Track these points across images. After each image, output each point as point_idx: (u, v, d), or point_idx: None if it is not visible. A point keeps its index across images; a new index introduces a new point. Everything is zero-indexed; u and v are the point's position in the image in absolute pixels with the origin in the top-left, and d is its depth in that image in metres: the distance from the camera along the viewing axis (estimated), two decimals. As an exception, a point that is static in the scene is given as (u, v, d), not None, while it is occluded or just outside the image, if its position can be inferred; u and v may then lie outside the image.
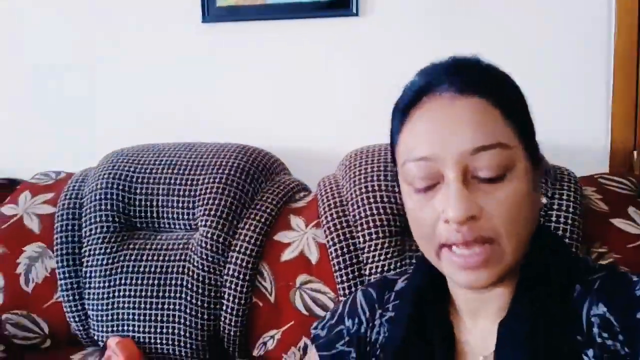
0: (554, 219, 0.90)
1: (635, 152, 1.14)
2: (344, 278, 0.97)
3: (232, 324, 1.03)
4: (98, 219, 1.10)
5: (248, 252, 1.03)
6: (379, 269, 0.95)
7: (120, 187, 1.11)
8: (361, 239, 0.96)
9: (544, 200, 0.84)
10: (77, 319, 1.11)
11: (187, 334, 1.03)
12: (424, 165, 0.56)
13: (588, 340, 0.55)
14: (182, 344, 1.03)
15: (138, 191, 1.11)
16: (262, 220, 1.05)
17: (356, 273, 0.96)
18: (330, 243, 0.99)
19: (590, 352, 0.54)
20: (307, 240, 1.03)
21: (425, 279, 0.65)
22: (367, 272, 0.96)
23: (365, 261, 0.96)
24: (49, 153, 1.45)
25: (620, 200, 0.97)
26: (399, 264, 0.94)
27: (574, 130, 1.16)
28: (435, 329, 0.62)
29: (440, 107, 0.57)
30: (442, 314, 0.64)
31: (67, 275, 1.10)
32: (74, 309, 1.11)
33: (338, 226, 0.99)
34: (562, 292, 0.58)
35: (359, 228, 0.97)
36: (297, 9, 1.27)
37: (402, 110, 0.60)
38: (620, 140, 1.15)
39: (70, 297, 1.10)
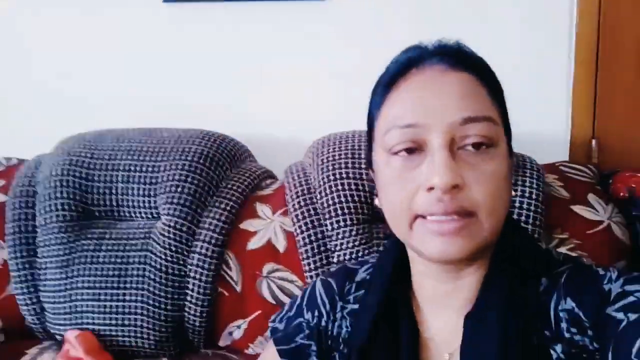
0: (517, 204, 0.92)
1: (594, 141, 1.18)
2: (312, 266, 0.96)
3: (197, 314, 1.01)
4: (54, 207, 1.05)
5: (213, 241, 1.00)
6: (347, 257, 0.94)
7: (77, 174, 1.07)
8: (329, 227, 0.96)
9: (512, 192, 0.85)
10: (32, 312, 1.06)
11: (150, 326, 1.00)
12: (410, 132, 0.55)
13: (556, 335, 0.55)
14: (144, 335, 1.00)
15: (96, 178, 1.06)
16: (228, 208, 1.03)
17: (324, 261, 0.96)
18: (298, 231, 0.97)
19: (559, 348, 0.54)
20: (275, 228, 1.01)
21: (390, 272, 0.63)
22: (334, 260, 0.95)
23: (333, 249, 0.95)
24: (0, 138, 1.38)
25: (581, 187, 1.00)
26: (367, 251, 0.94)
27: (535, 120, 1.19)
28: (403, 325, 0.61)
29: (431, 78, 0.56)
30: (408, 308, 0.62)
31: (20, 266, 1.05)
32: (28, 301, 1.06)
33: (306, 214, 0.98)
34: (529, 282, 0.58)
35: (327, 216, 0.96)
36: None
37: (387, 83, 0.58)
38: (580, 129, 1.18)
39: (25, 290, 1.05)
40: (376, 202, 0.63)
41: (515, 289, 0.57)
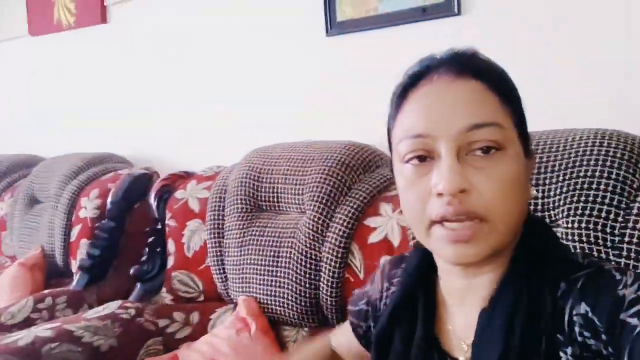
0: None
1: None
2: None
3: (329, 294, 1.20)
4: (235, 202, 1.38)
5: (342, 233, 1.19)
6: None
7: (252, 177, 1.38)
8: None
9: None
10: (220, 280, 1.41)
11: (293, 299, 1.24)
12: (420, 142, 0.57)
13: (568, 338, 0.55)
14: (289, 306, 1.25)
15: (265, 180, 1.36)
16: (355, 206, 1.20)
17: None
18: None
19: (569, 350, 0.54)
20: (392, 224, 1.15)
21: (417, 266, 0.68)
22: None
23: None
24: (217, 151, 1.83)
25: None
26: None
27: None
28: (420, 312, 0.65)
29: (438, 88, 0.58)
30: (430, 298, 0.66)
31: (213, 245, 1.41)
32: (218, 272, 1.41)
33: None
34: (548, 287, 0.58)
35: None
36: (404, 15, 1.38)
37: (399, 95, 0.62)
38: None
39: (216, 262, 1.41)
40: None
41: (529, 290, 0.58)
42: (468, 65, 0.59)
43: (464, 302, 0.63)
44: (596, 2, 1.16)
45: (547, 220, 0.93)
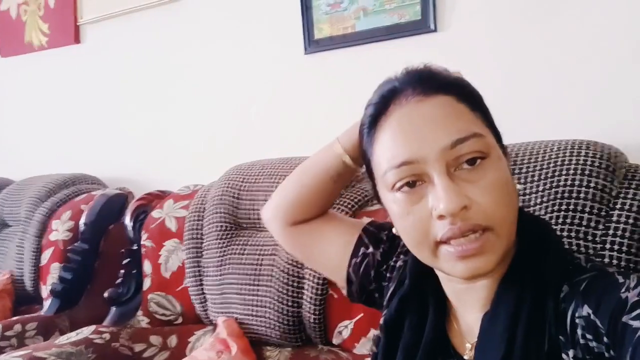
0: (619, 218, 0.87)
1: None
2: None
3: (312, 312, 1.18)
4: (214, 220, 1.35)
5: (324, 249, 1.17)
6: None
7: (232, 194, 1.36)
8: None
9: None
10: (198, 301, 1.37)
11: (275, 318, 1.21)
12: (407, 169, 0.57)
13: (570, 341, 0.55)
14: (271, 326, 1.21)
15: (244, 198, 1.34)
16: (337, 221, 1.19)
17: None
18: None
19: (571, 353, 0.54)
20: (374, 239, 1.14)
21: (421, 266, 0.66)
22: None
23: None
24: (193, 169, 1.80)
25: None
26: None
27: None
28: (430, 309, 0.66)
29: (409, 111, 0.58)
30: (441, 289, 0.66)
31: (192, 264, 1.37)
32: (196, 292, 1.37)
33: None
34: (549, 289, 0.58)
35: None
36: (381, 32, 1.40)
37: (370, 125, 0.62)
38: None
39: (194, 283, 1.37)
40: (394, 230, 0.66)
41: (531, 293, 0.58)
42: (431, 81, 0.60)
43: (464, 304, 0.64)
44: (571, 18, 1.19)
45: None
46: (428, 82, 0.60)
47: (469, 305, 0.64)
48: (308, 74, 1.58)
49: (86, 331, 1.34)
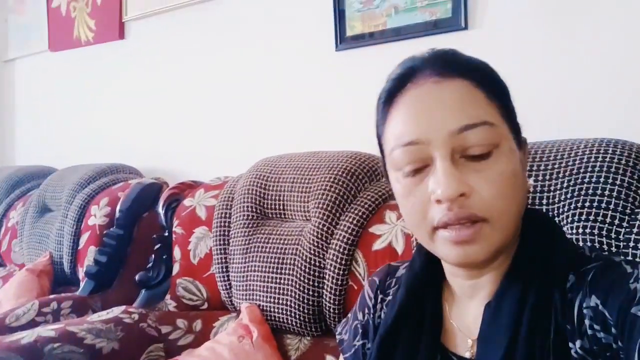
0: None
1: None
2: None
3: (332, 302, 1.20)
4: (241, 209, 1.39)
5: (346, 240, 1.19)
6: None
7: (260, 185, 1.39)
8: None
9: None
10: (224, 288, 1.41)
11: (296, 306, 1.23)
12: (413, 149, 0.57)
13: (577, 331, 0.54)
14: (292, 314, 1.24)
15: (271, 188, 1.37)
16: (360, 214, 1.20)
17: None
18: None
19: (578, 343, 0.54)
20: (396, 232, 1.15)
21: (422, 265, 0.67)
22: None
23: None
24: (226, 161, 1.85)
25: None
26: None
27: None
28: (427, 311, 0.64)
29: (425, 91, 0.58)
30: (435, 297, 0.65)
31: (218, 252, 1.41)
32: (222, 279, 1.41)
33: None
34: (555, 279, 0.57)
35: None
36: (412, 30, 1.41)
37: (386, 100, 0.61)
38: None
39: (220, 270, 1.41)
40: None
41: (536, 282, 0.57)
42: (452, 64, 0.59)
43: (470, 301, 0.63)
44: (602, 17, 1.18)
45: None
46: (448, 64, 0.59)
47: (475, 301, 0.63)
48: (339, 71, 1.60)
49: (116, 310, 1.40)
